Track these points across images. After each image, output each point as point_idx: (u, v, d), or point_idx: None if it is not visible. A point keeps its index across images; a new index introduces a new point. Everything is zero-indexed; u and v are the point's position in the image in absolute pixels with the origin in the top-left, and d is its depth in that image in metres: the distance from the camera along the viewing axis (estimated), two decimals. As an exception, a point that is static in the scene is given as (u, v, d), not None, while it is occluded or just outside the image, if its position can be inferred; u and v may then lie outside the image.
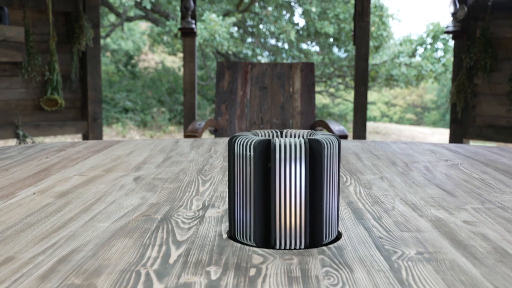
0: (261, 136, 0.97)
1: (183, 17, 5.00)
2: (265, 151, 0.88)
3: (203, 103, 12.83)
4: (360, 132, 5.17)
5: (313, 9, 11.93)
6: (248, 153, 0.89)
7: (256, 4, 12.56)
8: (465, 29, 5.17)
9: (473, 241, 0.93)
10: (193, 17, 5.06)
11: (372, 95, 17.97)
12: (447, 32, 5.18)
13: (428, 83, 15.10)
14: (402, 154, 1.95)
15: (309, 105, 3.62)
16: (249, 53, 13.09)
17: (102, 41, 15.04)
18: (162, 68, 15.42)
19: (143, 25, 15.80)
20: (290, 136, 0.99)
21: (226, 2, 12.81)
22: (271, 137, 0.97)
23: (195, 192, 1.31)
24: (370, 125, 16.16)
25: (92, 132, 5.27)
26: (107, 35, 14.21)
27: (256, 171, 0.88)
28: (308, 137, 0.90)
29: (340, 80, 13.98)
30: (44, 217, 1.07)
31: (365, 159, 1.85)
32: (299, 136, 0.98)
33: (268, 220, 0.89)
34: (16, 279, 0.74)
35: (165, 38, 13.45)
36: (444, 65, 12.83)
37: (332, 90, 14.92)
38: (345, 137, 2.89)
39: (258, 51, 13.36)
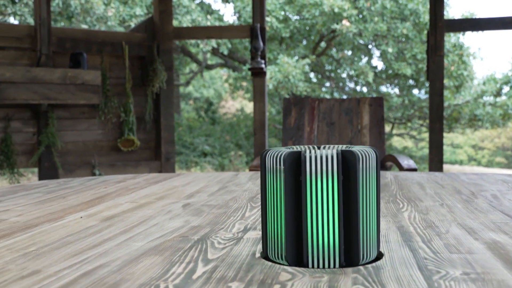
0: (295, 150, 0.93)
1: (253, 58, 5.06)
2: (296, 163, 0.84)
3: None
4: (436, 170, 4.97)
5: (390, 50, 11.80)
6: (278, 166, 0.85)
7: (334, 49, 12.60)
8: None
9: (531, 263, 0.84)
10: (263, 57, 5.12)
11: (458, 138, 17.39)
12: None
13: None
14: (470, 184, 1.83)
15: (379, 140, 3.52)
16: (328, 97, 13.06)
17: (183, 89, 15.57)
18: (241, 113, 15.70)
19: (224, 74, 16.24)
20: (325, 149, 0.94)
21: (303, 46, 12.94)
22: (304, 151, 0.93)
23: (240, 217, 1.28)
24: (454, 168, 15.57)
25: (165, 171, 5.38)
26: (188, 82, 14.68)
27: (287, 185, 0.84)
28: (342, 149, 0.85)
29: (421, 122, 13.66)
30: (83, 237, 1.06)
31: (429, 188, 1.75)
32: (334, 149, 0.93)
33: (300, 237, 0.84)
34: (34, 290, 0.73)
35: (244, 84, 13.72)
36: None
37: (414, 132, 14.58)
38: (413, 170, 2.77)
39: (336, 94, 13.34)
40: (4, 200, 1.56)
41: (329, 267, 0.82)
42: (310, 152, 0.83)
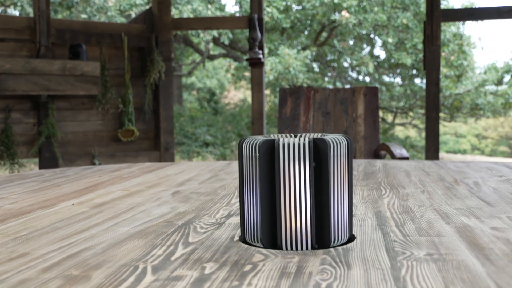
0: (270, 138, 0.98)
1: (251, 48, 5.09)
2: (270, 151, 0.88)
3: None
4: (432, 159, 5.01)
5: (390, 40, 11.80)
6: (254, 153, 0.89)
7: (336, 39, 12.59)
8: (543, 50, 4.94)
9: (493, 244, 0.88)
10: (261, 47, 5.15)
11: (461, 128, 17.37)
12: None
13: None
14: (456, 172, 1.88)
15: (373, 130, 3.56)
16: (330, 87, 13.08)
17: (185, 79, 15.59)
18: (244, 104, 15.73)
19: (227, 64, 16.26)
20: (298, 137, 0.98)
21: (305, 37, 12.94)
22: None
23: (226, 203, 1.32)
24: (457, 157, 15.59)
25: (164, 161, 5.43)
26: (189, 73, 14.69)
27: (262, 172, 0.88)
28: (314, 137, 0.89)
29: (423, 111, 13.65)
30: (72, 223, 1.11)
31: (414, 176, 1.79)
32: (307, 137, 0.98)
33: (275, 221, 0.89)
34: (20, 270, 0.78)
35: (246, 74, 13.74)
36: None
37: (416, 121, 14.58)
38: (406, 158, 2.81)
39: (339, 84, 13.35)
40: (0, 189, 1.61)
41: (301, 249, 0.87)
42: (283, 140, 0.88)
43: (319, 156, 0.88)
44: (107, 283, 0.71)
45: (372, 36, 12.79)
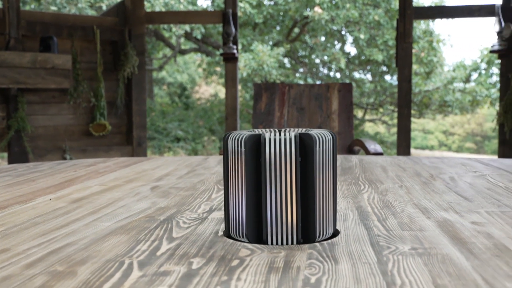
0: (255, 133, 0.97)
1: (225, 43, 5.08)
2: (256, 146, 0.88)
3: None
4: (404, 155, 5.07)
5: (362, 36, 11.90)
6: (239, 148, 0.89)
7: (307, 35, 12.64)
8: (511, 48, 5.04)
9: (475, 238, 0.89)
10: (235, 42, 5.14)
11: (429, 124, 17.63)
12: (493, 52, 5.06)
13: (486, 110, 14.72)
14: (431, 167, 1.90)
15: (347, 125, 3.59)
16: (301, 82, 13.13)
17: (156, 74, 15.47)
18: (215, 99, 15.69)
19: (198, 59, 16.17)
20: (284, 132, 0.98)
21: (276, 32, 12.95)
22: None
23: (206, 198, 1.31)
24: (425, 153, 15.81)
25: (136, 156, 5.38)
26: (161, 67, 14.58)
27: (248, 167, 0.88)
28: (300, 132, 0.89)
29: (393, 108, 13.82)
30: (51, 218, 1.09)
31: (391, 171, 1.81)
32: (293, 132, 0.98)
33: (260, 216, 0.88)
34: (2, 267, 0.76)
35: (218, 69, 13.69)
36: (499, 90, 12.51)
37: (386, 118, 14.74)
38: (380, 154, 2.84)
39: (310, 80, 13.41)
40: (-27, 183, 1.57)
41: (287, 243, 0.87)
42: (269, 135, 0.87)
43: (304, 151, 0.88)
44: (94, 279, 0.70)
45: (343, 32, 12.88)
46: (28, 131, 4.81)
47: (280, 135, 0.87)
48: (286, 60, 13.19)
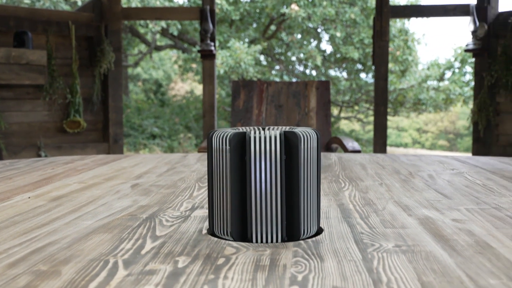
0: (240, 131, 0.97)
1: (202, 40, 5.06)
2: (241, 144, 0.88)
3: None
4: (380, 152, 5.12)
5: (338, 34, 11.96)
6: (224, 146, 0.89)
7: (284, 32, 12.66)
8: (486, 47, 5.11)
9: (457, 235, 0.91)
10: (212, 39, 5.12)
11: (403, 122, 17.81)
12: (467, 51, 5.13)
13: (458, 108, 14.92)
14: (409, 165, 1.92)
15: (325, 123, 3.60)
16: (277, 80, 13.16)
17: (132, 70, 15.33)
18: (191, 96, 15.62)
19: (174, 55, 16.06)
20: (269, 130, 0.98)
21: (253, 29, 12.95)
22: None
23: (188, 196, 1.31)
24: (399, 151, 15.98)
25: (113, 153, 5.33)
26: (136, 64, 14.46)
27: (232, 165, 0.88)
28: (284, 130, 0.89)
29: (368, 105, 13.92)
30: (31, 216, 1.08)
31: (370, 168, 1.83)
32: (277, 130, 0.98)
33: (245, 214, 0.88)
34: (-16, 266, 0.75)
35: (194, 66, 13.63)
36: (473, 88, 12.69)
37: (361, 115, 14.85)
38: (357, 151, 2.86)
39: (286, 77, 13.43)
40: None
41: (272, 241, 0.87)
42: (254, 133, 0.87)
43: (289, 149, 0.88)
44: (79, 279, 0.69)
45: (319, 30, 12.93)
46: (1, 127, 4.73)
47: (265, 133, 0.87)
48: (262, 58, 13.19)
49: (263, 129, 0.99)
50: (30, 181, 1.53)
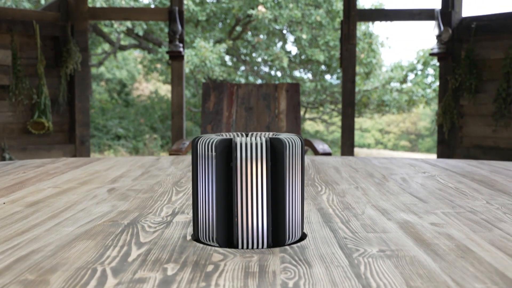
0: (226, 137, 0.97)
1: (171, 41, 5.03)
2: (227, 150, 0.88)
3: (196, 130, 12.85)
4: (348, 153, 5.18)
5: (304, 36, 12.04)
6: (210, 152, 0.89)
7: (249, 33, 12.68)
8: (450, 51, 5.23)
9: (437, 240, 0.93)
10: (181, 40, 5.10)
11: (366, 122, 18.03)
12: (432, 55, 5.24)
13: (420, 110, 15.19)
14: (381, 168, 1.95)
15: (295, 125, 3.63)
16: (243, 80, 13.16)
17: (95, 70, 15.12)
18: (156, 96, 15.49)
19: (138, 55, 15.91)
20: (254, 136, 0.99)
21: (219, 30, 12.93)
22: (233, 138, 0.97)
23: (167, 201, 1.30)
24: (363, 151, 16.18)
25: (79, 155, 5.25)
26: (100, 63, 14.27)
27: (218, 171, 0.88)
28: (270, 137, 0.90)
29: (332, 107, 14.05)
30: (9, 223, 1.06)
31: (344, 172, 1.85)
32: (263, 136, 0.98)
33: (230, 220, 0.89)
34: (-31, 276, 0.73)
35: (158, 66, 13.53)
36: (435, 90, 12.93)
37: (325, 117, 14.97)
38: (328, 154, 2.89)
39: (251, 78, 13.45)
40: None
41: (257, 247, 0.87)
42: (240, 139, 0.88)
43: (275, 156, 0.89)
44: (69, 288, 0.68)
45: (284, 32, 12.99)
46: (-36, 128, 4.62)
47: (250, 139, 0.88)
48: (227, 58, 13.19)
49: (247, 135, 1.00)
50: (2, 186, 1.50)
